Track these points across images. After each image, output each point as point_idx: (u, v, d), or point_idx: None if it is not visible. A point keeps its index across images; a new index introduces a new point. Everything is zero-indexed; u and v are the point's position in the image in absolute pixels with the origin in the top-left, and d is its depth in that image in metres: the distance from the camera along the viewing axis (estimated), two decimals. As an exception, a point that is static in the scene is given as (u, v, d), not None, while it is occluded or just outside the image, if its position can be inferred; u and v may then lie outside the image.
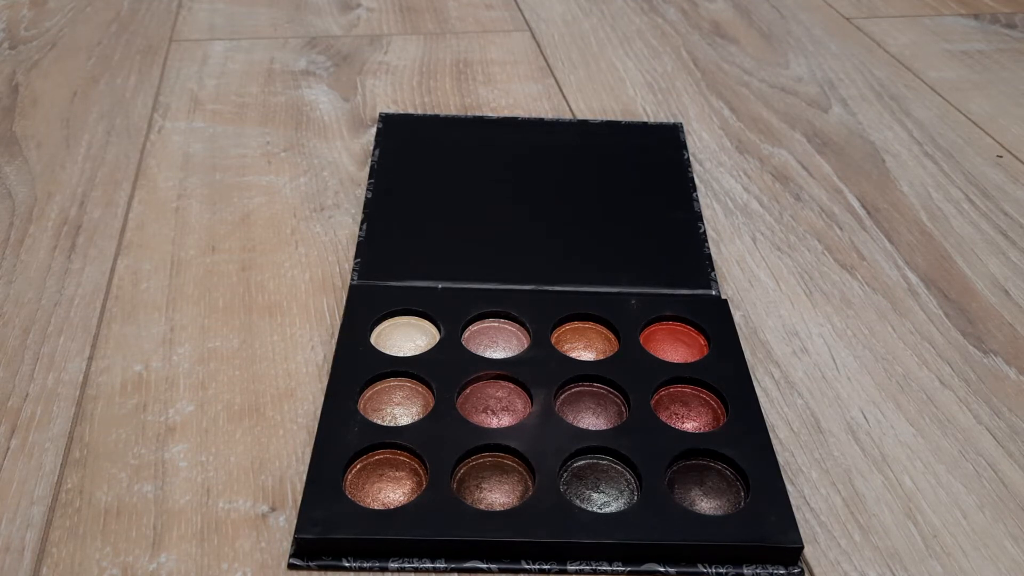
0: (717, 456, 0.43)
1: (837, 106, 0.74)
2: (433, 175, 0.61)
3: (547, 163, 0.63)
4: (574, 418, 0.45)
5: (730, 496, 0.42)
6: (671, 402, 0.46)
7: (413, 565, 0.39)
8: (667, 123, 0.68)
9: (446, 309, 0.50)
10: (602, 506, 0.41)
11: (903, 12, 0.91)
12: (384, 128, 0.66)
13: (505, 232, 0.57)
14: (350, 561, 0.39)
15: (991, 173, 0.67)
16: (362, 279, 0.52)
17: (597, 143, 0.66)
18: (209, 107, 0.71)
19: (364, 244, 0.55)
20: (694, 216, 0.58)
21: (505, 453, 0.43)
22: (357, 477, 0.42)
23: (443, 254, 0.54)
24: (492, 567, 0.39)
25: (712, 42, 0.83)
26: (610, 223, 0.58)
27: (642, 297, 0.52)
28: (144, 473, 0.43)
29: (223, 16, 0.85)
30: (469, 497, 0.41)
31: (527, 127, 0.67)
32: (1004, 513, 0.43)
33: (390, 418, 0.45)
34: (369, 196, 0.59)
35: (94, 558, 0.39)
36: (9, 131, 0.67)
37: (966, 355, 0.51)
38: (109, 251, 0.56)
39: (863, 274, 0.56)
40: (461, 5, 0.89)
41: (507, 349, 0.49)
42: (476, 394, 0.46)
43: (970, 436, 0.46)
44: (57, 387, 0.47)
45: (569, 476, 0.42)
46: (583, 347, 0.49)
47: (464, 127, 0.67)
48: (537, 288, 0.52)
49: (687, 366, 0.48)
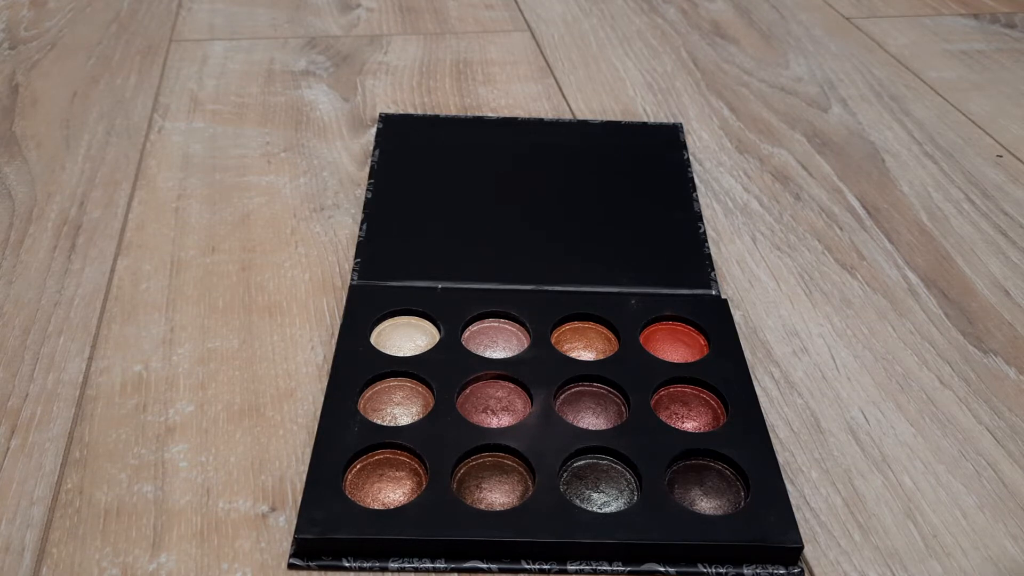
0: (717, 456, 0.43)
1: (837, 106, 0.74)
2: (433, 175, 0.61)
3: (547, 163, 0.63)
4: (574, 418, 0.45)
5: (730, 496, 0.42)
6: (671, 402, 0.46)
7: (413, 565, 0.39)
8: (667, 123, 0.68)
9: (446, 309, 0.50)
10: (602, 506, 0.41)
11: (903, 12, 0.91)
12: (384, 128, 0.66)
13: (505, 232, 0.57)
14: (350, 561, 0.39)
15: (991, 173, 0.67)
16: (362, 279, 0.52)
17: (597, 143, 0.65)
18: (209, 107, 0.71)
19: (364, 244, 0.55)
20: (694, 216, 0.58)
21: (505, 453, 0.43)
22: (357, 477, 0.42)
23: (443, 254, 0.54)
24: (492, 567, 0.39)
25: (712, 42, 0.83)
26: (610, 223, 0.58)
27: (642, 297, 0.52)
28: (144, 473, 0.43)
29: (223, 16, 0.85)
30: (469, 497, 0.41)
31: (527, 127, 0.67)
32: (1004, 513, 0.43)
33: (390, 418, 0.45)
34: (369, 196, 0.59)
35: (94, 558, 0.39)
36: (9, 131, 0.67)
37: (966, 355, 0.51)
38: (109, 251, 0.56)
39: (863, 274, 0.56)
40: (461, 5, 0.89)
41: (507, 349, 0.49)
42: (476, 394, 0.46)
43: (970, 436, 0.46)
44: (57, 387, 0.47)
45: (569, 476, 0.42)
46: (583, 347, 0.49)
47: (465, 127, 0.67)
48: (537, 288, 0.52)
49: (687, 366, 0.48)
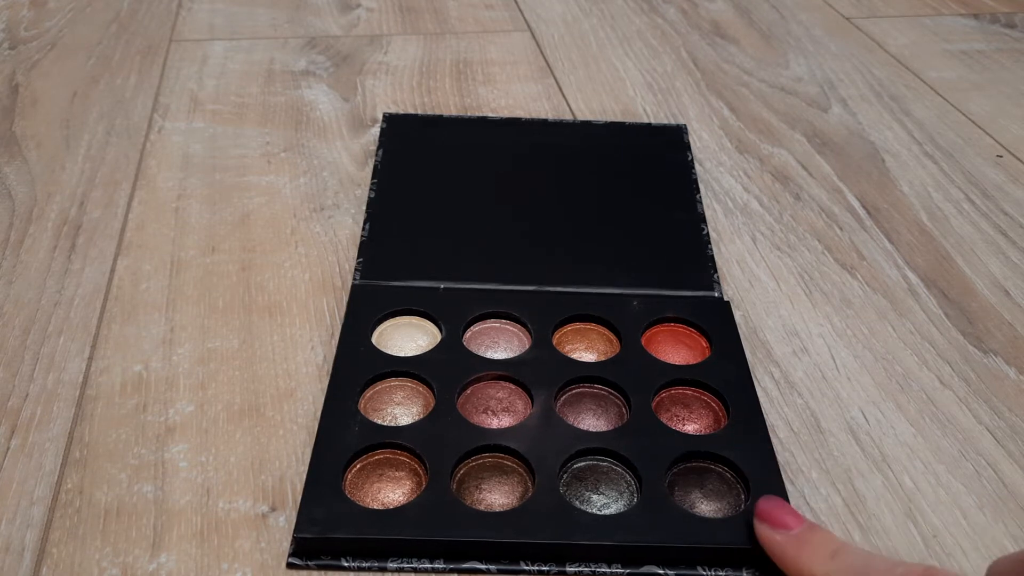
0: (717, 458, 0.43)
1: (837, 106, 0.74)
2: (436, 175, 0.61)
3: (550, 164, 0.63)
4: (575, 419, 0.45)
5: (730, 499, 0.41)
6: (672, 404, 0.46)
7: (412, 565, 0.39)
8: (671, 124, 0.68)
9: (448, 309, 0.50)
10: (602, 508, 0.41)
11: (903, 12, 0.91)
12: (387, 128, 0.66)
13: (507, 233, 0.56)
14: (349, 561, 0.39)
15: (991, 173, 0.67)
16: (364, 279, 0.52)
17: (600, 144, 0.65)
18: (209, 107, 0.71)
19: (367, 243, 0.55)
20: (697, 218, 0.58)
21: (505, 454, 0.43)
22: (357, 477, 0.42)
23: (445, 254, 0.54)
24: (491, 568, 0.39)
25: (712, 42, 0.83)
26: (612, 224, 0.58)
27: (644, 298, 0.51)
28: (144, 473, 0.43)
29: (223, 16, 0.85)
30: (469, 498, 0.41)
31: (530, 128, 0.67)
32: (1004, 513, 0.43)
33: (390, 418, 0.45)
34: (372, 196, 0.59)
35: (94, 558, 0.39)
36: (9, 131, 0.67)
37: (966, 355, 0.51)
38: (109, 251, 0.56)
39: (863, 274, 0.56)
40: (461, 5, 0.89)
41: (508, 350, 0.49)
42: (477, 394, 0.46)
43: (970, 436, 0.46)
44: (57, 387, 0.47)
45: (569, 477, 0.42)
46: (584, 348, 0.49)
47: (468, 127, 0.66)
48: (539, 289, 0.52)
49: (688, 368, 0.48)
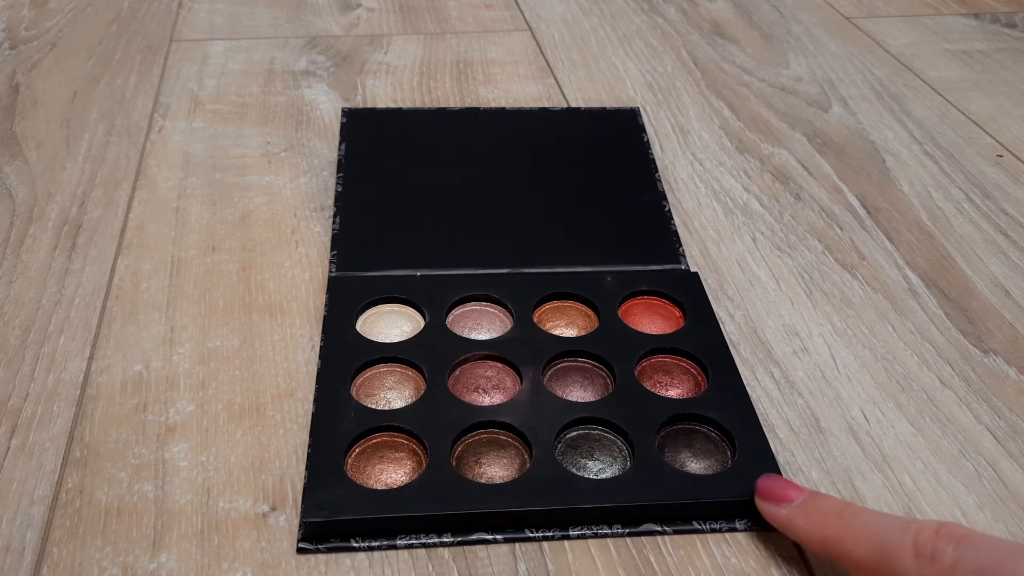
0: (702, 419, 0.45)
1: (837, 106, 0.74)
2: (401, 167, 0.62)
3: (512, 151, 0.64)
4: (563, 392, 0.46)
5: (718, 456, 0.43)
6: (654, 371, 0.48)
7: (421, 541, 0.40)
8: (625, 108, 0.69)
9: (427, 295, 0.51)
10: (598, 472, 0.42)
11: (903, 12, 0.91)
12: (348, 122, 0.65)
13: (476, 219, 0.57)
14: (358, 541, 0.40)
15: (991, 173, 0.67)
16: (340, 271, 0.53)
17: (558, 130, 0.66)
18: (209, 107, 0.71)
19: (339, 236, 0.55)
20: (658, 196, 0.60)
21: (500, 429, 0.44)
22: (358, 460, 0.42)
23: (418, 243, 0.55)
24: (498, 537, 0.40)
25: (712, 42, 0.83)
26: (579, 206, 0.59)
27: (616, 274, 0.53)
28: (144, 473, 0.43)
29: (223, 16, 0.85)
30: (469, 473, 0.42)
31: (488, 116, 0.67)
32: (1004, 513, 0.43)
33: (384, 402, 0.45)
34: (339, 189, 0.59)
35: (94, 558, 0.39)
36: (9, 131, 0.67)
37: (966, 355, 0.51)
38: (109, 251, 0.56)
39: (863, 274, 0.56)
40: (461, 5, 0.89)
41: (491, 330, 0.50)
42: (466, 375, 0.47)
43: (970, 436, 0.46)
44: (57, 387, 0.47)
45: (564, 447, 0.44)
46: (564, 324, 0.51)
47: (428, 119, 0.67)
48: (513, 271, 0.53)
49: (666, 337, 0.49)
